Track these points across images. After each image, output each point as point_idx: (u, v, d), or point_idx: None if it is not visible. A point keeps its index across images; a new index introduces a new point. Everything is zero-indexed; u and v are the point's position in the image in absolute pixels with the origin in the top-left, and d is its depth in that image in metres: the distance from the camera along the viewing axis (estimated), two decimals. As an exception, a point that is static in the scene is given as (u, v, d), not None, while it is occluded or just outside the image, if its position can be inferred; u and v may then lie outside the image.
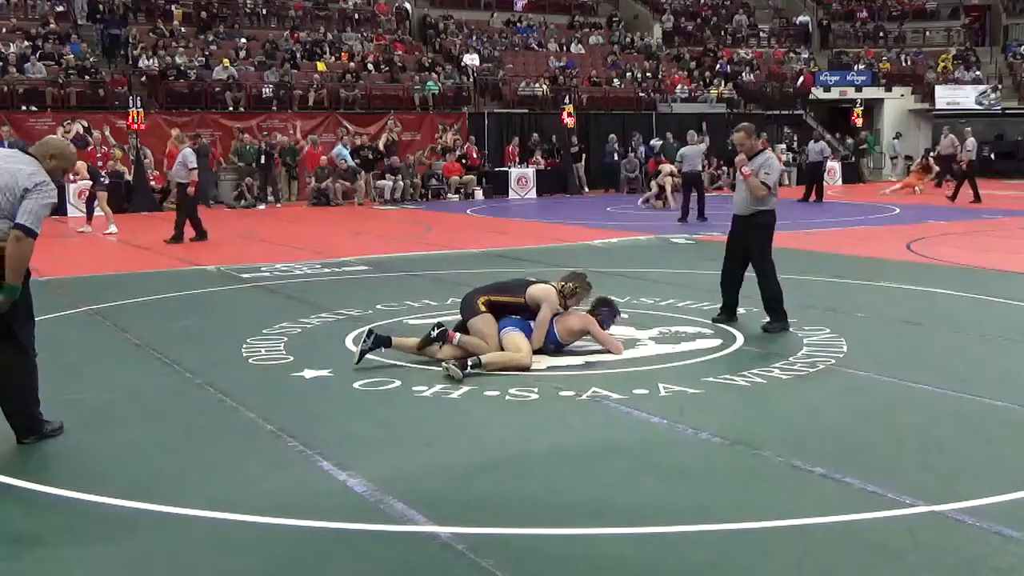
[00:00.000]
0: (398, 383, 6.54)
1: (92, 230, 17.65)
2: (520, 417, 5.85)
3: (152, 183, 22.36)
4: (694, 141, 20.29)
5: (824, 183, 24.42)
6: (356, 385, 6.54)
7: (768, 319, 8.17)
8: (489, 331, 7.06)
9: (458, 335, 7.15)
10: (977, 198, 22.05)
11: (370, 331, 7.16)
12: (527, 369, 6.81)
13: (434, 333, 7.12)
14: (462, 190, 25.85)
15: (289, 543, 4.06)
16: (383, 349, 7.13)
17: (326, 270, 12.23)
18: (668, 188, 22.27)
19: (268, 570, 3.85)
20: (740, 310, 8.93)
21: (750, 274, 8.33)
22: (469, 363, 6.66)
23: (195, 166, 15.58)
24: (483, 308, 7.16)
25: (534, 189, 26.58)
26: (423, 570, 3.82)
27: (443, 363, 6.76)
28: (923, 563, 3.80)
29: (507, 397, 6.19)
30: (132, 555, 3.98)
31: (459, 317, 7.40)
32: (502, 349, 6.98)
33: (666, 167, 22.92)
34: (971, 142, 23.00)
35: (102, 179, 18.56)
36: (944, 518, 4.19)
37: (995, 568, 3.73)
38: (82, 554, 4.02)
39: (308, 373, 6.86)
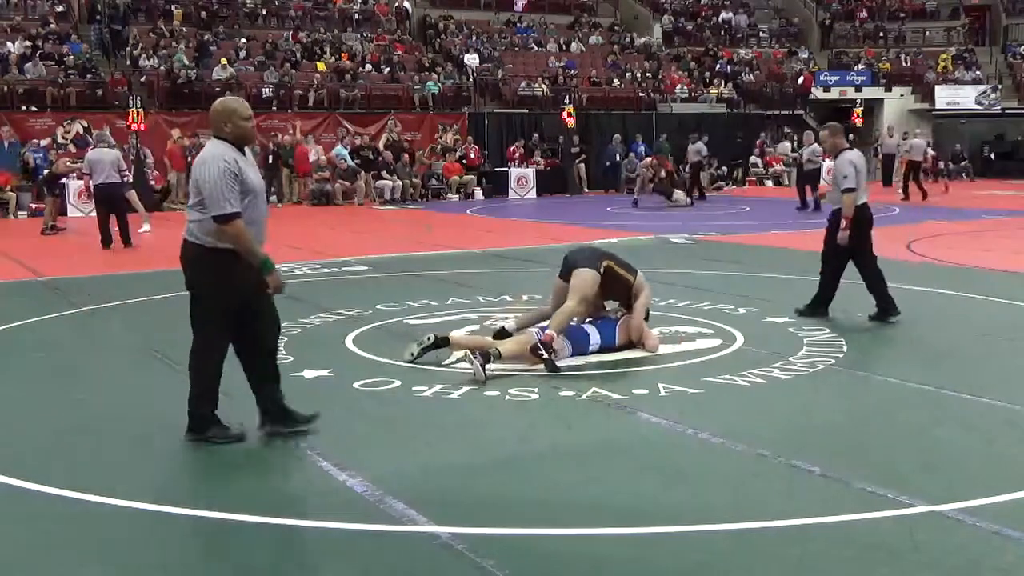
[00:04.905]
0: (398, 383, 6.53)
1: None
2: (520, 417, 5.85)
3: (152, 183, 22.34)
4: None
5: (822, 183, 24.48)
6: (356, 385, 6.54)
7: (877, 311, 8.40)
8: (586, 291, 7.09)
9: (513, 321, 7.34)
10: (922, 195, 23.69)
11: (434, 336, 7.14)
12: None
13: (428, 340, 7.06)
14: (462, 190, 25.84)
15: (289, 543, 4.06)
16: (439, 349, 7.09)
17: (326, 270, 12.22)
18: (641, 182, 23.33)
19: (268, 570, 3.85)
20: (740, 310, 8.96)
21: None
22: (491, 354, 6.57)
23: (124, 167, 15.23)
24: (603, 270, 7.23)
25: (534, 189, 26.57)
26: (423, 570, 3.82)
27: (465, 357, 6.61)
28: (923, 563, 3.80)
29: (507, 397, 6.18)
30: (131, 555, 3.98)
31: (448, 328, 7.27)
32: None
33: (646, 161, 24.16)
34: (918, 143, 25.29)
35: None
36: (944, 518, 4.18)
37: (995, 568, 3.73)
38: (81, 554, 4.02)
39: (308, 373, 6.85)
